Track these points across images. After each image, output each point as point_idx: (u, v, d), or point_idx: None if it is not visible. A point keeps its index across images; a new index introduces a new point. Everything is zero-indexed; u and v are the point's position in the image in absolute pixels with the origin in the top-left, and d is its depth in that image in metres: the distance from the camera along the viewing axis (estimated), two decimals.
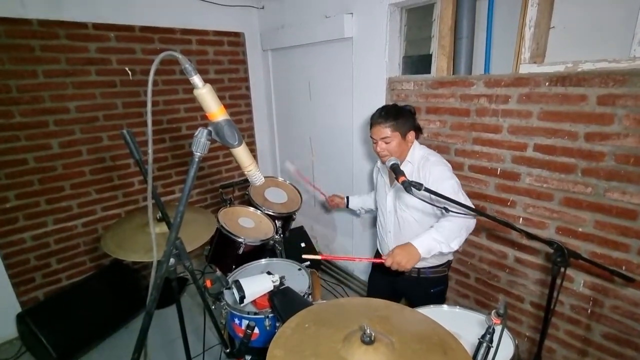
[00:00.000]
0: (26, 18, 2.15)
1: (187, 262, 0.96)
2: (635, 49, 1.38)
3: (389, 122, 1.43)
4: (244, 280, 1.14)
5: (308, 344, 0.75)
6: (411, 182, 1.06)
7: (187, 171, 0.63)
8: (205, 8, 2.83)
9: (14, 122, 2.23)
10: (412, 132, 1.50)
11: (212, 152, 3.20)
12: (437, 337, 0.77)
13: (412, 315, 0.87)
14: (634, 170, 1.40)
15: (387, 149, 1.45)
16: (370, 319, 0.81)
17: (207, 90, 0.62)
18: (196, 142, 0.62)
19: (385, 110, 1.48)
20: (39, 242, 2.46)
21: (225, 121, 0.63)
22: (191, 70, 0.61)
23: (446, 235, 1.32)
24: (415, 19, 2.15)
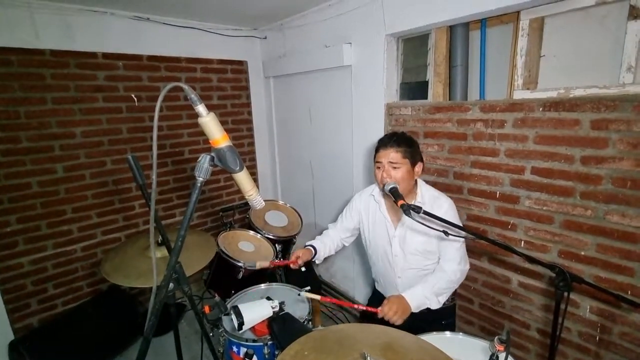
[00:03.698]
0: (39, 48, 2.25)
1: (185, 287, 0.96)
2: (624, 75, 1.43)
3: (401, 147, 1.36)
4: (243, 305, 1.12)
5: None
6: (411, 205, 1.07)
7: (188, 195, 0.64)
8: (210, 38, 2.96)
9: (20, 147, 2.28)
10: (421, 164, 1.44)
11: (214, 176, 3.23)
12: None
13: (414, 342, 0.85)
14: (632, 194, 1.40)
15: (394, 176, 1.35)
16: (371, 346, 0.80)
17: (211, 118, 0.65)
18: (199, 168, 0.64)
19: (397, 135, 1.42)
20: (37, 267, 2.44)
21: (228, 147, 0.66)
22: (196, 100, 0.64)
23: (437, 291, 1.40)
24: (412, 47, 2.24)
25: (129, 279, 1.12)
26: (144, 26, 2.61)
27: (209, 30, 2.93)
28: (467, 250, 1.78)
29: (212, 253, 1.34)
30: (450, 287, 1.45)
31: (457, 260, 1.45)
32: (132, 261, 1.19)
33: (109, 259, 1.23)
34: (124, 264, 1.18)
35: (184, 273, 0.95)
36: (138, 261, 1.19)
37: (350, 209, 1.71)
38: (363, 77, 2.37)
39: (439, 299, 1.39)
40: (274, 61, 3.12)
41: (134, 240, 1.43)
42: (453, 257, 1.44)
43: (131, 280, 1.12)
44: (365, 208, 1.62)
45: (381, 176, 1.39)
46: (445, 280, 1.41)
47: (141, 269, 1.14)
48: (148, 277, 1.08)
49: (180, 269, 0.94)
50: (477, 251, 1.99)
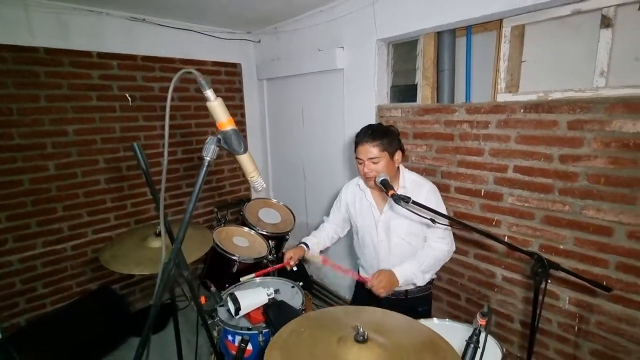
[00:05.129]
0: (34, 46, 2.26)
1: (185, 271, 0.99)
2: (597, 80, 1.54)
3: (377, 141, 1.40)
4: (239, 292, 1.15)
5: (304, 345, 0.78)
6: (401, 196, 1.13)
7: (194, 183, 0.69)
8: (205, 41, 3.01)
9: (12, 143, 2.27)
10: (400, 152, 1.49)
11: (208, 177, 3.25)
12: (428, 339, 0.81)
13: (403, 319, 0.91)
14: (606, 189, 1.50)
15: (375, 169, 1.41)
16: (363, 322, 0.85)
17: (219, 102, 0.71)
18: (206, 148, 0.69)
19: (372, 129, 1.46)
20: (26, 265, 2.41)
21: (233, 131, 0.71)
22: (205, 85, 0.70)
23: (424, 269, 1.49)
24: (401, 52, 2.33)
25: (128, 267, 1.15)
26: (139, 27, 2.65)
27: (204, 33, 2.98)
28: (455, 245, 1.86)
29: (208, 245, 1.38)
30: (436, 264, 1.54)
31: (446, 240, 1.54)
32: (131, 251, 1.22)
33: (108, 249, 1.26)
34: (123, 253, 1.21)
35: (184, 258, 0.99)
36: (136, 251, 1.22)
37: (338, 201, 1.78)
38: (355, 80, 2.45)
39: (425, 276, 1.50)
40: (268, 64, 3.18)
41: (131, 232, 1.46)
42: (441, 237, 1.53)
43: (131, 267, 1.14)
44: (352, 198, 1.68)
45: (363, 171, 1.46)
46: (432, 257, 1.50)
47: (140, 258, 1.17)
48: (147, 265, 1.11)
49: (181, 254, 0.98)
50: (463, 247, 2.07)
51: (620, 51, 1.49)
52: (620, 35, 1.48)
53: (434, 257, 1.50)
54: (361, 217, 1.64)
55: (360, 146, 1.44)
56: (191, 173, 3.14)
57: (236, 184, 3.48)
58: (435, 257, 1.50)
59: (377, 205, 1.58)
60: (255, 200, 2.35)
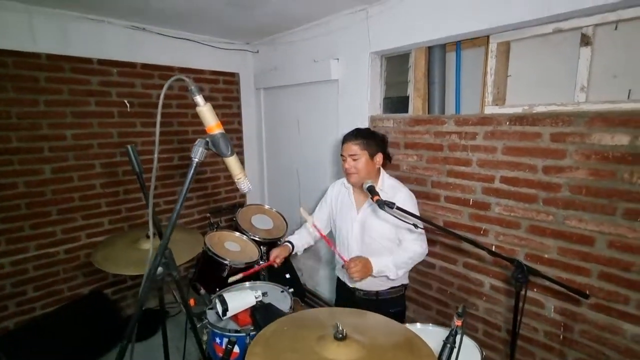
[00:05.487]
0: (36, 52, 2.31)
1: (174, 272, 1.02)
2: (578, 95, 1.60)
3: (358, 140, 1.55)
4: (228, 294, 1.18)
5: (286, 342, 0.81)
6: (385, 202, 1.17)
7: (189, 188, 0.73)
8: (204, 50, 3.08)
9: (9, 146, 2.30)
10: (381, 155, 1.60)
11: (201, 183, 3.28)
12: (404, 337, 0.84)
13: (382, 320, 0.93)
14: (587, 200, 1.55)
15: (355, 166, 1.54)
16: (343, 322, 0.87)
17: (207, 108, 0.75)
18: (195, 150, 0.74)
19: (357, 130, 1.62)
20: (18, 268, 2.41)
21: (221, 134, 0.76)
22: (195, 91, 0.74)
23: (398, 264, 1.56)
24: (394, 65, 2.40)
25: (118, 267, 1.17)
26: (140, 35, 2.71)
27: (203, 43, 3.05)
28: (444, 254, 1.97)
29: (198, 248, 1.40)
30: (409, 263, 1.61)
31: (419, 243, 1.62)
32: (122, 252, 1.24)
33: (100, 250, 1.28)
34: (114, 254, 1.23)
35: (173, 259, 1.01)
36: (127, 252, 1.24)
37: (324, 199, 1.87)
38: (349, 90, 2.52)
39: (398, 272, 1.57)
40: (265, 74, 3.25)
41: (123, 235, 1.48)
42: (415, 239, 1.61)
43: (120, 268, 1.17)
44: (337, 195, 1.80)
45: (345, 167, 1.59)
46: (406, 256, 1.58)
47: (130, 259, 1.19)
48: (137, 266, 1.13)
49: (170, 255, 1.01)
50: (453, 256, 2.10)
51: (599, 68, 1.56)
52: (599, 53, 1.55)
53: (408, 256, 1.59)
54: (341, 214, 1.75)
55: (344, 144, 1.60)
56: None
57: (231, 191, 3.51)
58: (408, 256, 1.59)
59: (356, 204, 1.68)
60: (248, 206, 2.38)
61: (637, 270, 1.45)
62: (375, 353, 0.76)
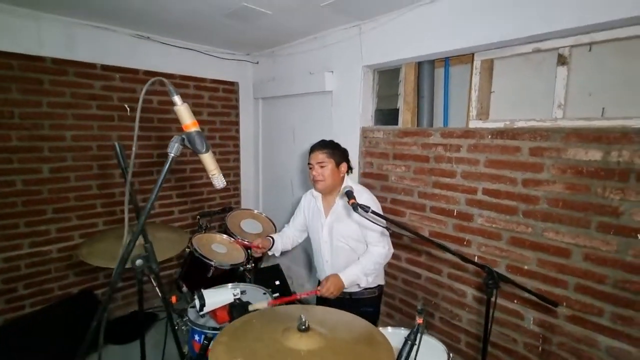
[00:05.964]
0: (41, 56, 2.41)
1: (154, 265, 1.06)
2: (556, 111, 1.67)
3: (325, 149, 1.68)
4: (206, 291, 1.22)
5: (252, 333, 0.85)
6: (360, 205, 1.23)
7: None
8: (205, 60, 3.19)
9: (9, 145, 2.37)
10: (345, 164, 1.73)
11: (197, 188, 3.34)
12: (366, 332, 0.87)
13: (349, 317, 0.97)
14: (564, 213, 1.59)
15: (322, 174, 1.66)
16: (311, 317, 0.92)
17: (184, 107, 0.82)
18: (171, 146, 0.80)
19: (324, 141, 1.75)
20: (10, 265, 2.45)
21: (196, 132, 0.82)
22: (173, 92, 0.80)
23: (366, 272, 1.65)
24: (386, 78, 2.49)
25: (103, 260, 1.21)
26: (143, 43, 2.82)
27: (205, 53, 3.16)
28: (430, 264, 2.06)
29: (182, 246, 1.45)
30: (376, 267, 1.69)
31: (382, 244, 1.68)
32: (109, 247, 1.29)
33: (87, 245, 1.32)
34: (100, 248, 1.27)
35: (153, 252, 1.06)
36: (113, 248, 1.29)
37: (299, 208, 1.97)
38: (342, 102, 2.60)
39: (368, 279, 1.68)
40: (264, 84, 3.35)
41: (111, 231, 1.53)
42: (377, 242, 1.67)
43: (105, 261, 1.21)
44: (308, 204, 1.91)
45: (313, 174, 1.70)
46: (371, 261, 1.66)
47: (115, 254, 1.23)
48: None
49: (151, 248, 1.05)
50: (437, 266, 2.13)
51: (575, 87, 1.63)
52: (574, 72, 1.63)
53: (373, 262, 1.66)
54: (312, 221, 1.86)
55: (312, 153, 1.71)
56: (183, 184, 3.23)
57: (227, 197, 3.56)
58: (374, 261, 1.66)
59: (324, 210, 1.78)
60: (239, 210, 2.42)
61: (610, 282, 1.48)
62: (335, 344, 0.80)
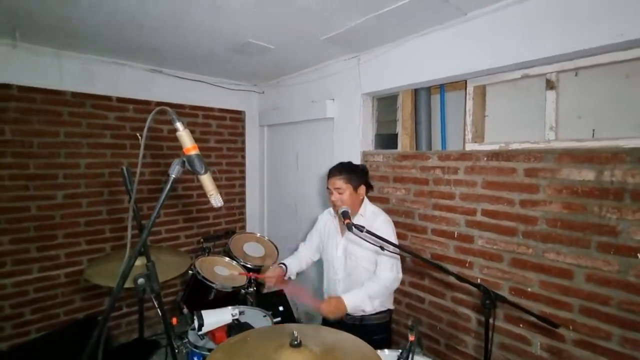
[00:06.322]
0: (61, 90, 2.59)
1: (155, 284, 1.10)
2: (548, 133, 1.71)
3: (342, 175, 1.67)
4: (206, 311, 1.24)
5: (245, 349, 0.87)
6: (354, 224, 1.26)
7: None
8: (214, 90, 3.36)
9: (27, 173, 2.50)
10: (363, 186, 1.72)
11: (203, 213, 3.40)
12: (359, 352, 0.88)
13: (342, 335, 0.98)
14: (563, 233, 1.59)
15: (341, 199, 1.66)
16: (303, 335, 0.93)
17: (186, 132, 0.89)
18: (172, 168, 0.86)
19: (341, 165, 1.75)
20: (19, 290, 2.50)
21: (196, 155, 0.88)
22: (175, 119, 0.88)
23: (372, 295, 1.62)
24: (385, 105, 2.59)
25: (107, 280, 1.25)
26: (156, 77, 3.01)
27: (213, 84, 3.34)
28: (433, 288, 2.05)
29: (184, 268, 1.48)
30: (383, 292, 1.65)
31: (390, 269, 1.65)
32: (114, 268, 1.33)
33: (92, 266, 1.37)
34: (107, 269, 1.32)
35: (155, 272, 1.10)
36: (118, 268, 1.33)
37: (315, 227, 1.98)
38: (343, 128, 2.69)
39: (373, 304, 1.64)
40: (269, 112, 3.50)
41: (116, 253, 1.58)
42: (386, 267, 1.65)
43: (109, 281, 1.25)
44: (325, 223, 1.92)
45: (332, 199, 1.70)
46: (379, 285, 1.62)
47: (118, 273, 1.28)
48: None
49: (152, 267, 1.10)
50: (440, 289, 2.11)
51: (565, 109, 1.68)
52: (563, 96, 1.68)
53: (380, 285, 1.63)
54: (328, 240, 1.86)
55: (329, 179, 1.72)
56: (189, 209, 3.30)
57: (232, 222, 3.61)
58: (381, 285, 1.63)
59: (341, 230, 1.79)
60: (241, 233, 2.46)
61: (615, 304, 1.45)
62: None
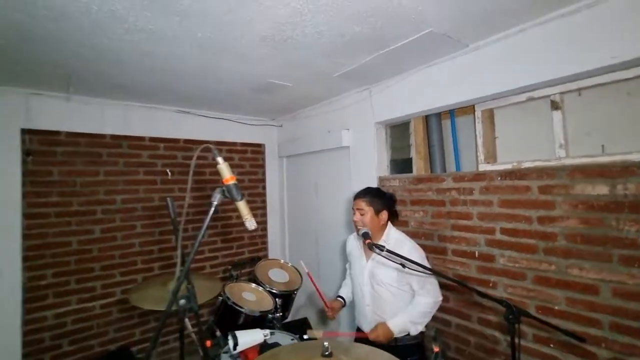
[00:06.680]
0: (102, 133, 2.87)
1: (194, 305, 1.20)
2: (558, 151, 1.77)
3: (366, 197, 1.76)
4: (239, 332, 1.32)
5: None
6: (375, 244, 1.34)
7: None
8: (236, 126, 3.61)
9: (70, 210, 2.72)
10: (385, 212, 1.77)
11: (227, 243, 3.53)
12: None
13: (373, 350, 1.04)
14: (584, 248, 1.61)
15: (362, 220, 1.73)
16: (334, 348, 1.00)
17: (225, 165, 1.03)
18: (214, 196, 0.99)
19: (368, 189, 1.85)
20: (58, 322, 2.64)
21: (234, 184, 1.01)
22: (217, 154, 1.03)
23: (414, 320, 1.68)
24: (397, 131, 2.71)
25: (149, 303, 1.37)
26: (183, 117, 3.28)
27: (235, 121, 3.59)
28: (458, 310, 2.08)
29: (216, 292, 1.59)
30: (424, 316, 1.70)
31: (430, 294, 1.69)
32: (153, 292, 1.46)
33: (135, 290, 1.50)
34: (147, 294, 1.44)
35: (195, 293, 1.21)
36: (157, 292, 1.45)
37: (345, 256, 2.06)
38: (359, 155, 2.82)
39: (417, 327, 1.69)
40: (287, 143, 3.69)
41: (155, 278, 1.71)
42: (424, 291, 1.69)
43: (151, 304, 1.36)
44: (351, 248, 1.98)
45: (354, 220, 1.79)
46: (418, 311, 1.68)
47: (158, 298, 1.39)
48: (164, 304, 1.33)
49: (193, 289, 1.21)
50: (466, 311, 2.10)
51: (573, 127, 1.75)
52: (569, 115, 1.76)
53: (420, 312, 1.68)
54: (353, 264, 1.93)
55: (355, 200, 1.82)
56: (214, 239, 3.44)
57: (254, 250, 3.71)
58: (420, 311, 1.68)
59: (365, 254, 1.84)
60: (266, 260, 2.55)
61: None
62: None
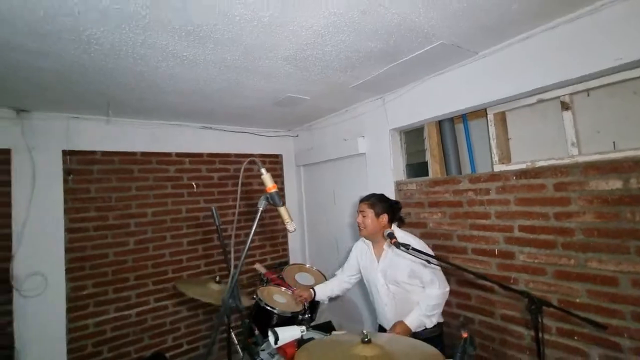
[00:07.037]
0: (133, 151, 3.07)
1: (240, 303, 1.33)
2: (571, 149, 1.85)
3: (369, 201, 1.92)
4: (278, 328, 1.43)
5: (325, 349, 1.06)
6: (400, 243, 1.44)
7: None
8: (254, 139, 3.78)
9: (107, 224, 2.91)
10: (385, 215, 1.88)
11: (250, 251, 3.67)
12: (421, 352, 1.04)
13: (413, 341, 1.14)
14: (601, 241, 1.67)
15: (363, 221, 1.88)
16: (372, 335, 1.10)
17: (268, 176, 1.17)
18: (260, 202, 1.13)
19: (371, 194, 2.00)
20: (99, 329, 2.81)
21: (275, 192, 1.15)
22: (261, 166, 1.17)
23: (427, 313, 1.77)
24: (412, 137, 2.82)
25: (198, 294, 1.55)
26: (206, 132, 3.47)
27: (254, 133, 3.76)
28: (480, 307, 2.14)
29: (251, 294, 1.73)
30: (436, 307, 1.79)
31: (437, 285, 1.79)
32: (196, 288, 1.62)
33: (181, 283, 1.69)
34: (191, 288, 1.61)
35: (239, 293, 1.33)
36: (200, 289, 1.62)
37: (350, 255, 2.17)
38: (375, 161, 2.93)
39: (432, 319, 1.79)
40: (304, 153, 3.83)
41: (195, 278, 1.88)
42: (430, 283, 1.79)
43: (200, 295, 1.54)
44: (361, 252, 2.08)
45: (357, 221, 1.95)
46: (428, 304, 1.77)
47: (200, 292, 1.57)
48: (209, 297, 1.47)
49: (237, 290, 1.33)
50: (488, 308, 2.16)
51: (583, 126, 1.82)
52: (579, 114, 1.83)
53: (430, 304, 1.77)
54: (366, 267, 2.02)
55: (359, 203, 1.99)
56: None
57: (276, 257, 3.84)
58: (430, 303, 1.77)
59: (376, 257, 1.95)
60: (292, 265, 2.67)
61: None
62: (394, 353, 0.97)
